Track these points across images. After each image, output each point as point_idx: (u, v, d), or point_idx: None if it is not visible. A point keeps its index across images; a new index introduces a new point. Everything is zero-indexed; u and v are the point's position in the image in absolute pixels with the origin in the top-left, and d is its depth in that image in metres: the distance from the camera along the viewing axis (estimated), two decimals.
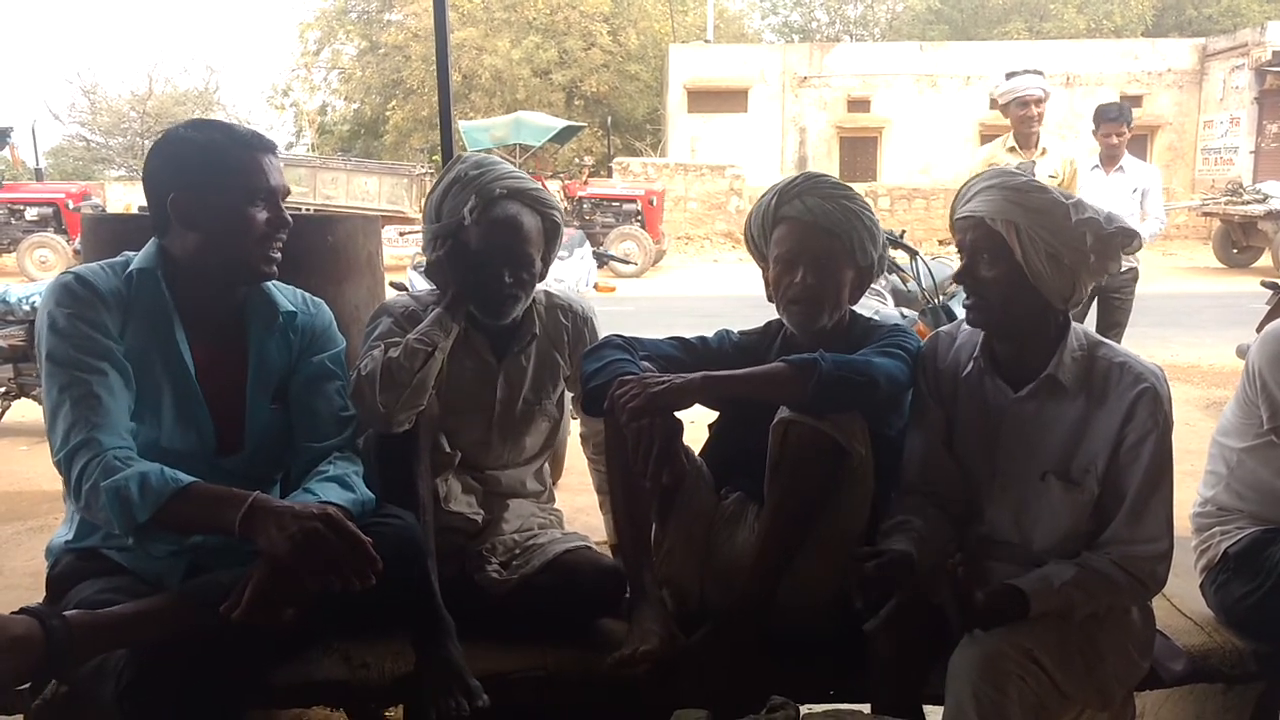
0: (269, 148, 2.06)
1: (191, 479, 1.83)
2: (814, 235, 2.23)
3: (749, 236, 2.38)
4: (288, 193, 2.10)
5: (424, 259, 2.61)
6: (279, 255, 2.06)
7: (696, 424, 2.31)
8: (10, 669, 1.61)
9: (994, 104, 5.38)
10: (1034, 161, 5.43)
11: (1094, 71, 26.94)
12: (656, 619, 2.15)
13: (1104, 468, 2.03)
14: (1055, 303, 2.04)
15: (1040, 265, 1.99)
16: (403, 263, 10.91)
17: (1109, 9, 32.71)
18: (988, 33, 33.75)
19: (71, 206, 17.42)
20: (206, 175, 1.97)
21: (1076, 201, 2.03)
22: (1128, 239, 2.07)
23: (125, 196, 22.31)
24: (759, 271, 2.38)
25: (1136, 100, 27.30)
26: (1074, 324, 2.11)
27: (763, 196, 2.35)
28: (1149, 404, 2.01)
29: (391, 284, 5.88)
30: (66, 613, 1.71)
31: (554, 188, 17.89)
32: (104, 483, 1.79)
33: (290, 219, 2.07)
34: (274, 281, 2.13)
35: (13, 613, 1.67)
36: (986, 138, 27.63)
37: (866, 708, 2.03)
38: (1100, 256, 2.04)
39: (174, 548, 1.94)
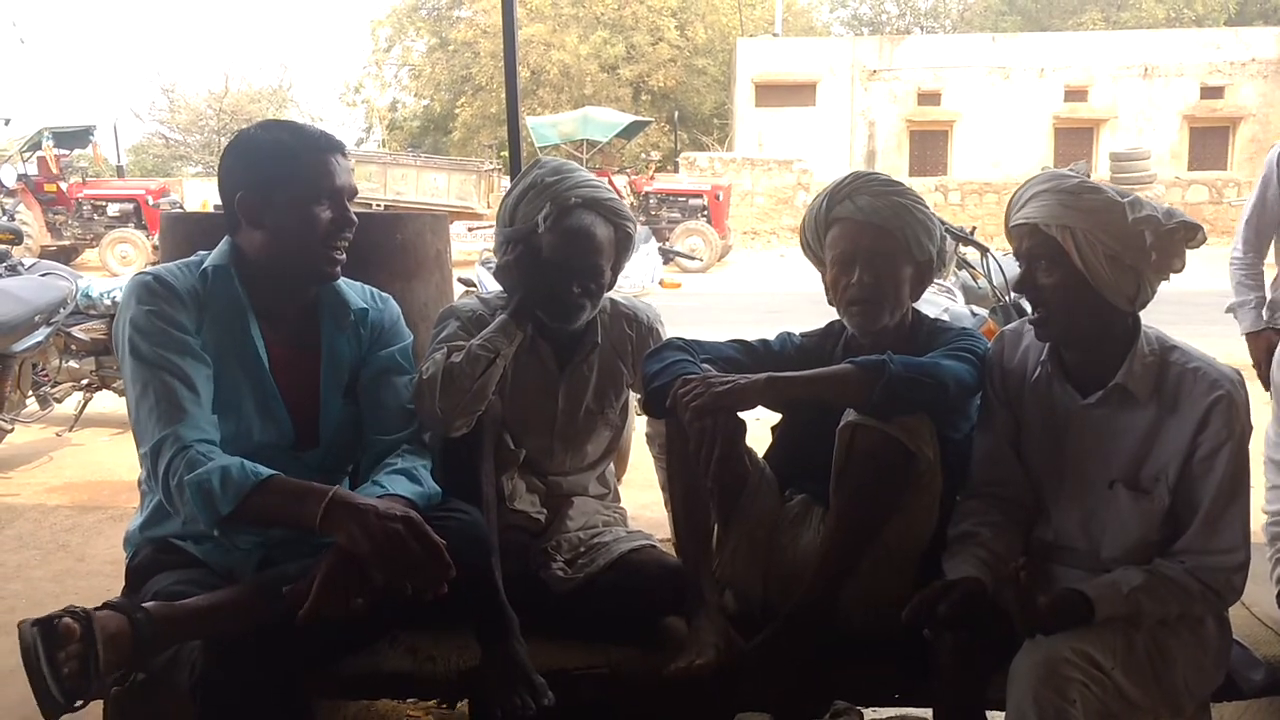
0: (337, 148, 2.07)
1: (272, 472, 1.86)
2: (867, 234, 2.21)
3: (804, 241, 2.38)
4: (355, 193, 2.12)
5: (493, 255, 2.62)
6: (343, 256, 2.08)
7: (761, 422, 2.30)
8: (108, 662, 1.69)
9: None
10: None
11: (1174, 62, 26.30)
12: (714, 629, 2.14)
13: (1175, 477, 1.97)
14: (1120, 305, 1.98)
15: (1100, 268, 1.93)
16: (471, 258, 10.99)
17: None
18: (1062, 23, 33.16)
19: (151, 203, 17.90)
20: (271, 174, 2.00)
21: (1133, 199, 1.97)
22: (1190, 233, 1.98)
23: (202, 193, 22.84)
24: None
25: (1218, 91, 26.59)
26: (1145, 327, 2.04)
27: (814, 200, 2.34)
28: (1224, 412, 1.93)
29: (460, 280, 5.93)
30: (146, 605, 1.78)
31: (620, 183, 17.96)
32: (188, 477, 1.83)
33: (355, 218, 2.08)
34: (342, 279, 2.16)
35: (97, 608, 1.74)
36: (1060, 131, 27.18)
37: (929, 713, 2.01)
38: (1162, 254, 1.96)
39: (258, 538, 1.98)
